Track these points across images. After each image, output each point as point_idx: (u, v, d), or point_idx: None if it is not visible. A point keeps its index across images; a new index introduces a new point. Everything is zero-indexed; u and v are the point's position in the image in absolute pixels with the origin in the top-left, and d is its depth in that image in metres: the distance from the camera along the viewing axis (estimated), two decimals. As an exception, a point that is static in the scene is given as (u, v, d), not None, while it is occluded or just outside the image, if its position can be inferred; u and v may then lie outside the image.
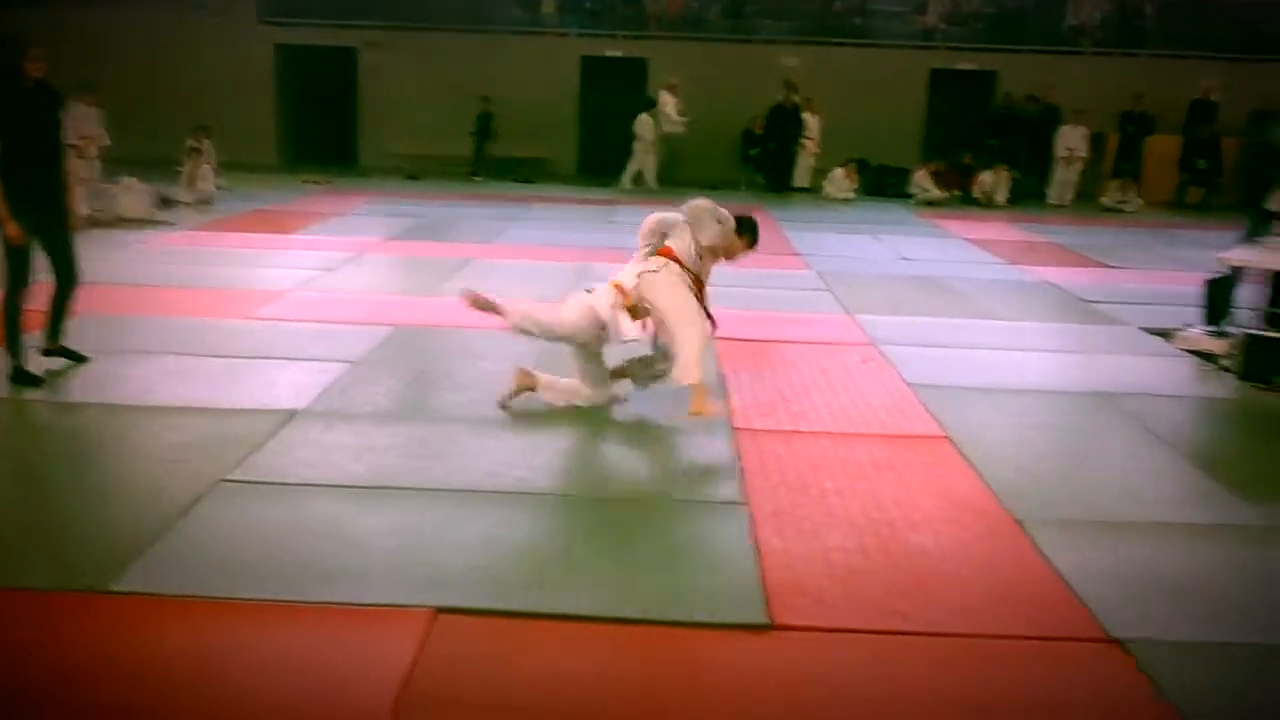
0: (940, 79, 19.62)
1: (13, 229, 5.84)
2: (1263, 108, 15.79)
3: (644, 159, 18.00)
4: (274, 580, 3.82)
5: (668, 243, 5.70)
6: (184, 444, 5.13)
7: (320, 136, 20.25)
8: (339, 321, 7.67)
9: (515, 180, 18.25)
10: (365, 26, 20.06)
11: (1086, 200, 17.83)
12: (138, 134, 14.79)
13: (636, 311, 5.66)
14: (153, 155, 14.64)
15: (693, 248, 5.63)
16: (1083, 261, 11.79)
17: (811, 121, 18.14)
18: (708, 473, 5.09)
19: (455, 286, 9.00)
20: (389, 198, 15.41)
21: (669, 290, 5.56)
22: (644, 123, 17.84)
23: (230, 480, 4.71)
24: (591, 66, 19.89)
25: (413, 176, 18.32)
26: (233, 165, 15.68)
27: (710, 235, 5.62)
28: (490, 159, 18.76)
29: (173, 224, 12.03)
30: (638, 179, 17.91)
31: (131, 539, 4.09)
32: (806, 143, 18.25)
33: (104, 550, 4.01)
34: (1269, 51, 18.68)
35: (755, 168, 18.68)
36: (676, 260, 5.62)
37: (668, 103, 18.07)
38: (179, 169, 14.19)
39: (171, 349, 6.81)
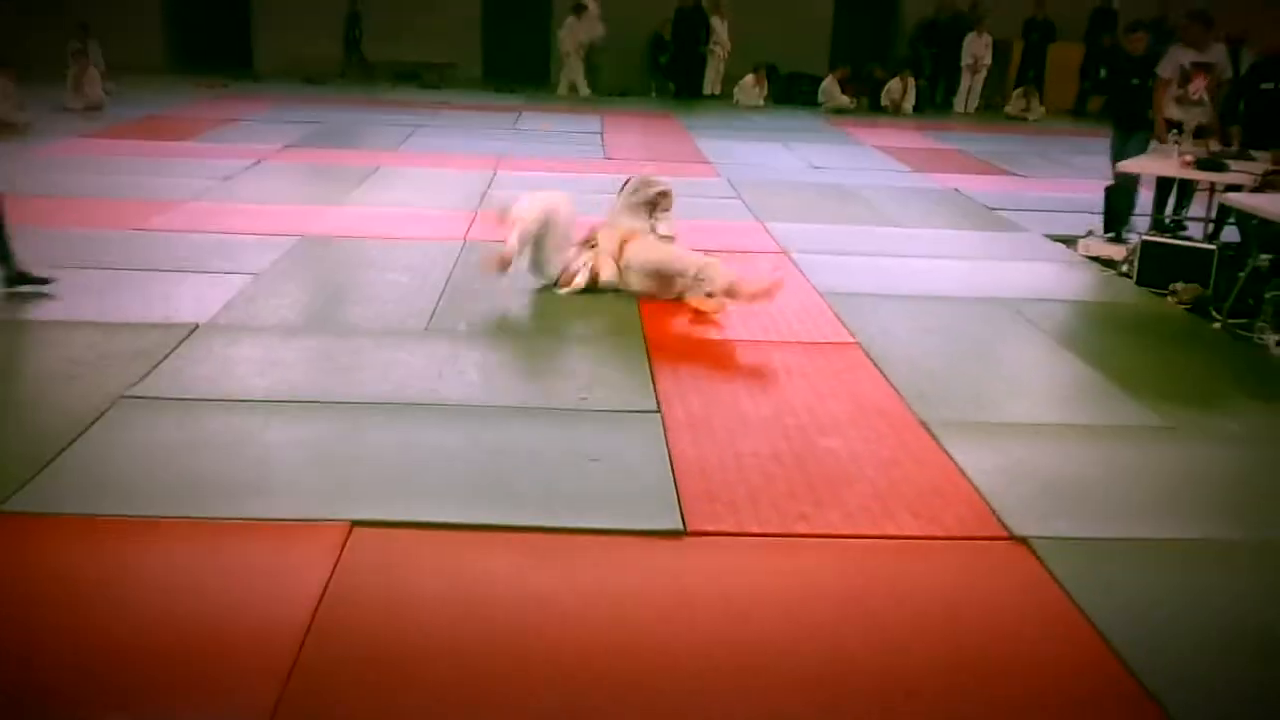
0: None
1: None
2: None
3: (575, 66, 17.70)
4: (181, 498, 3.73)
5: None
6: (80, 360, 4.96)
7: (212, 38, 19.37)
8: (240, 233, 7.43)
9: (421, 86, 17.78)
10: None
11: (992, 109, 18.03)
12: (9, 35, 14.02)
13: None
14: (36, 59, 13.90)
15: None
16: (987, 169, 11.95)
17: (719, 26, 17.92)
18: (622, 382, 5.08)
19: (363, 195, 8.92)
20: (288, 103, 14.89)
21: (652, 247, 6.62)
22: (567, 28, 17.50)
23: (131, 396, 4.58)
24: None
25: (311, 80, 17.70)
26: (119, 68, 14.95)
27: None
28: (365, 63, 18.28)
29: (30, 127, 11.35)
30: (571, 88, 17.64)
31: (27, 457, 3.96)
32: (715, 48, 18.04)
33: (-2, 469, 3.88)
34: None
35: (665, 75, 18.44)
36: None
37: (594, 7, 17.70)
38: (65, 73, 13.46)
39: (63, 262, 6.52)
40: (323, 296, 6.18)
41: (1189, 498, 4.15)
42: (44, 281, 5.99)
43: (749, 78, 17.72)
